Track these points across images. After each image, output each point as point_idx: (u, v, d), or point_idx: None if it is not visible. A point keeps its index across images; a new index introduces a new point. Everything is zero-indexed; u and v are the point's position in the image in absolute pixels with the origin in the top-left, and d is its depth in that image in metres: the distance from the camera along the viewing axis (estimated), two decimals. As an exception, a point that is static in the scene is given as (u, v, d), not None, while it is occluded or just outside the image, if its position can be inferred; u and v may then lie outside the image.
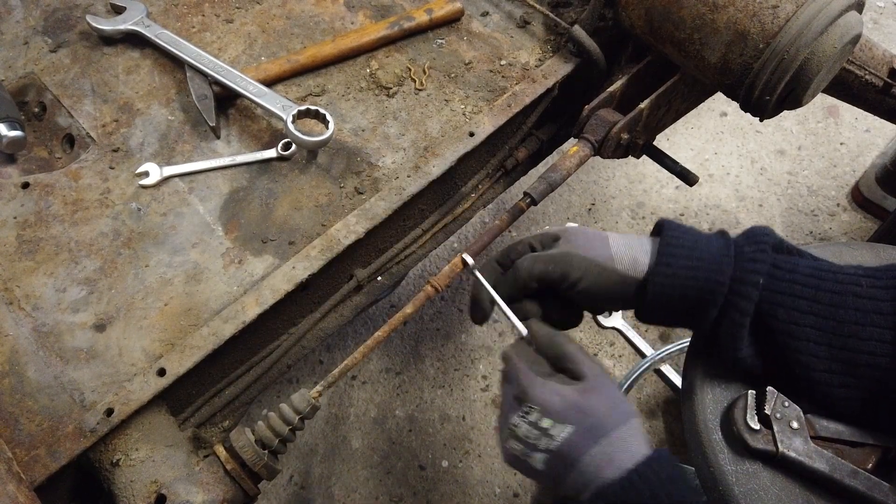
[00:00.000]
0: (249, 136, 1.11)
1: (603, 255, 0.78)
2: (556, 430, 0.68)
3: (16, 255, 0.97)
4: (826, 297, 0.73)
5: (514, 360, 0.74)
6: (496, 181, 1.20)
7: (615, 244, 0.79)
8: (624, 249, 0.79)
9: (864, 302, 0.72)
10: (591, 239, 0.80)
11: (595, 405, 0.68)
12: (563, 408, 0.68)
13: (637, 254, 0.78)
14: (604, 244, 0.79)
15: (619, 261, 0.78)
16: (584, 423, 0.67)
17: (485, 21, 1.26)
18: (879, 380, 0.71)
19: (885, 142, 2.17)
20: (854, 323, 0.72)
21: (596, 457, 0.66)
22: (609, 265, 0.78)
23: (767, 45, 0.94)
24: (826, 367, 0.73)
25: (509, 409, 0.72)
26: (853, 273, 0.75)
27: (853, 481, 0.73)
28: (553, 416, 0.68)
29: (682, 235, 0.78)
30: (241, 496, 0.82)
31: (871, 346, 0.71)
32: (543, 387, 0.70)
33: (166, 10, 1.24)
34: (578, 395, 0.69)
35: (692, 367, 0.87)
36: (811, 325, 0.73)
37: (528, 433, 0.69)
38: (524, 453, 0.70)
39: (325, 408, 1.76)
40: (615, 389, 0.71)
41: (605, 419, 0.68)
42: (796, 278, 0.74)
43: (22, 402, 0.86)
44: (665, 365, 1.76)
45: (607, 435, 0.67)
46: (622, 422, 0.68)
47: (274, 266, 0.98)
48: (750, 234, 0.78)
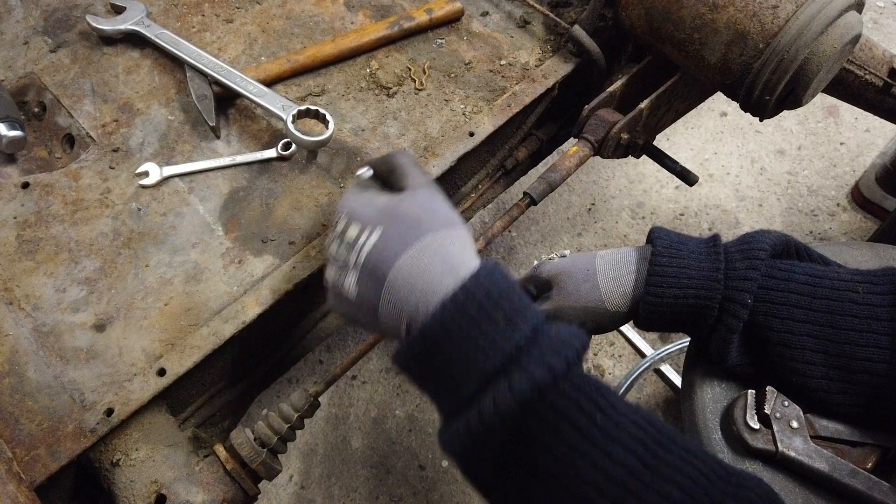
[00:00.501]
0: (249, 136, 1.11)
1: (593, 298, 0.80)
2: (363, 238, 0.58)
3: (16, 255, 0.97)
4: (822, 304, 0.73)
5: (347, 189, 0.66)
6: (496, 181, 1.20)
7: (604, 282, 0.80)
8: (613, 286, 0.80)
9: (861, 308, 0.72)
10: (579, 285, 0.81)
11: (408, 209, 0.59)
12: (372, 213, 0.60)
13: (625, 287, 0.80)
14: (592, 286, 0.80)
15: (610, 301, 0.80)
16: (393, 227, 0.58)
17: (485, 21, 1.26)
18: (877, 386, 0.71)
19: (885, 142, 2.17)
20: (851, 329, 0.72)
21: (408, 270, 0.56)
22: (601, 308, 0.80)
23: (767, 45, 0.94)
24: (823, 374, 0.73)
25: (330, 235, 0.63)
26: (850, 279, 0.75)
27: (853, 481, 0.73)
28: (360, 221, 0.59)
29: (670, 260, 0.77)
30: (241, 496, 0.82)
31: (868, 353, 0.71)
32: (356, 195, 0.62)
33: (166, 10, 1.24)
34: (391, 201, 0.61)
35: (692, 366, 0.87)
36: (807, 334, 0.73)
37: (338, 248, 0.61)
38: (336, 281, 0.61)
39: (325, 407, 1.76)
40: (440, 198, 0.63)
41: (422, 223, 0.58)
42: (792, 287, 0.74)
43: (22, 401, 0.86)
44: (665, 365, 1.76)
45: (420, 240, 0.57)
46: (441, 227, 0.59)
47: (274, 266, 0.98)
48: (744, 246, 0.77)
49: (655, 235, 0.81)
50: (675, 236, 0.80)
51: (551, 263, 0.86)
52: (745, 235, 0.79)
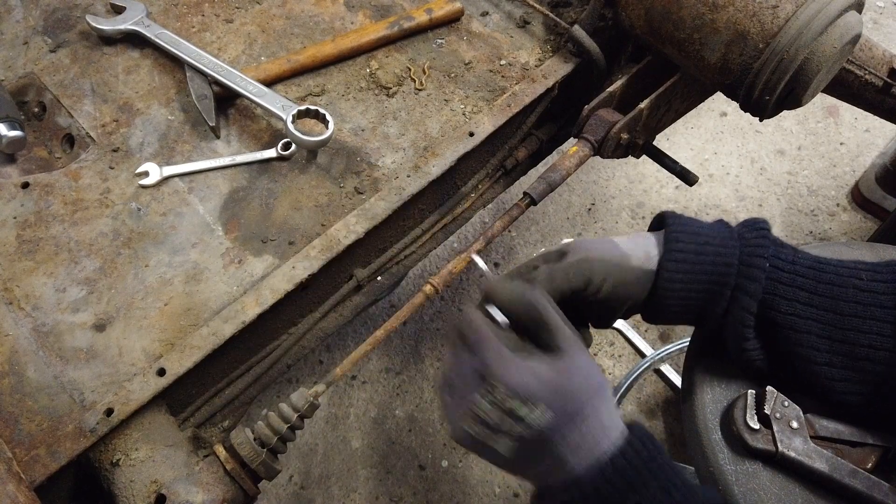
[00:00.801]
0: (249, 136, 1.11)
1: (617, 254, 0.77)
2: (531, 416, 0.60)
3: (16, 255, 0.97)
4: (827, 289, 0.73)
5: (479, 327, 0.64)
6: (496, 181, 1.20)
7: (623, 243, 0.79)
8: (633, 246, 0.78)
9: (864, 295, 0.73)
10: (598, 244, 0.79)
11: (575, 386, 0.61)
12: (539, 390, 0.60)
13: (646, 247, 0.78)
14: (613, 245, 0.78)
15: (634, 256, 0.77)
16: (563, 407, 0.60)
17: (484, 21, 1.26)
18: (880, 373, 0.71)
19: (885, 142, 2.17)
20: (854, 316, 0.72)
21: (575, 444, 0.60)
22: (626, 262, 0.76)
23: (767, 45, 0.94)
24: (827, 361, 0.73)
25: (470, 385, 0.63)
26: (853, 266, 0.75)
27: (853, 481, 0.73)
28: (527, 400, 0.60)
29: (687, 223, 0.78)
30: (241, 496, 0.82)
31: (871, 340, 0.71)
32: (515, 365, 0.61)
33: (166, 10, 1.24)
34: (556, 375, 0.61)
35: (692, 366, 0.87)
36: (812, 318, 0.73)
37: (492, 416, 0.61)
38: (485, 436, 0.62)
39: (325, 407, 1.76)
40: (590, 361, 0.65)
41: (585, 400, 0.61)
42: (797, 270, 0.74)
43: (22, 401, 0.86)
44: (665, 365, 1.76)
45: (587, 419, 0.61)
46: (600, 400, 0.62)
47: (274, 266, 0.98)
48: (749, 223, 0.78)
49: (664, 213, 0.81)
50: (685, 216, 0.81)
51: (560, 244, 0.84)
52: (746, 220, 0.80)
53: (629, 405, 1.76)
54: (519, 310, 0.66)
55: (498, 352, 0.62)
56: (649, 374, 1.79)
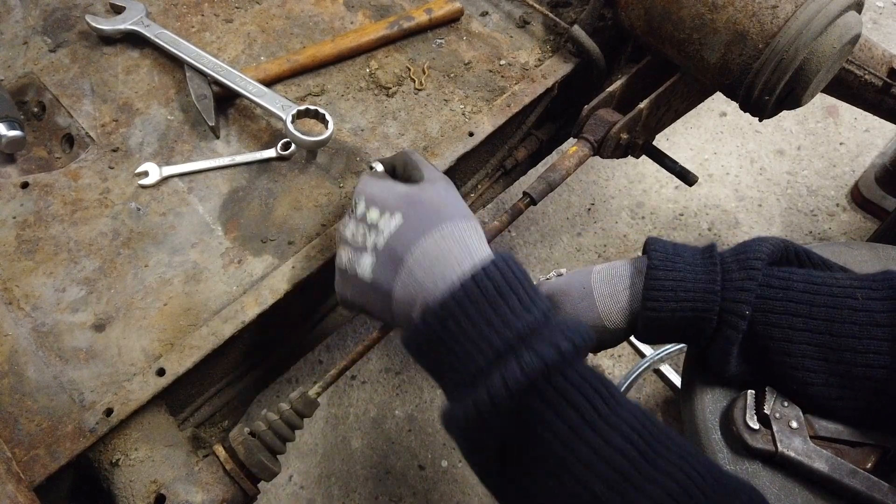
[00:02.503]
0: (249, 136, 1.11)
1: (592, 317, 0.80)
2: (383, 222, 0.60)
3: (15, 255, 0.97)
4: (821, 311, 0.73)
5: (361, 177, 0.69)
6: (495, 181, 1.20)
7: (601, 301, 0.80)
8: (610, 304, 0.80)
9: (860, 315, 0.72)
10: (576, 304, 0.81)
11: (429, 197, 0.62)
12: (393, 198, 0.62)
13: (622, 303, 0.80)
14: (590, 305, 0.80)
15: (608, 319, 0.80)
16: (415, 213, 0.60)
17: (484, 21, 1.26)
18: (877, 391, 0.71)
19: (885, 142, 2.17)
20: (850, 336, 0.72)
21: (427, 251, 0.58)
22: (599, 325, 0.80)
23: (767, 45, 0.94)
24: (823, 382, 0.73)
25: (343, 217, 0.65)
26: (848, 285, 0.74)
27: (853, 481, 0.73)
28: (380, 205, 0.61)
29: (665, 273, 0.77)
30: (240, 496, 0.82)
31: (868, 359, 0.71)
32: (376, 182, 0.64)
33: (166, 10, 1.24)
34: (412, 190, 0.63)
35: (691, 366, 0.87)
36: (807, 342, 0.73)
37: (354, 231, 0.63)
38: (351, 262, 0.63)
39: (325, 407, 1.76)
40: (454, 192, 0.65)
41: (440, 212, 0.60)
42: (790, 296, 0.74)
43: (21, 401, 0.86)
44: (664, 365, 1.76)
45: (440, 228, 0.59)
46: (458, 217, 0.61)
47: (273, 266, 0.98)
48: (741, 255, 0.77)
49: (651, 247, 0.80)
50: (671, 247, 0.80)
51: (548, 283, 0.86)
52: (742, 244, 0.79)
53: (629, 405, 1.76)
54: (395, 158, 0.71)
55: (365, 179, 0.66)
56: (649, 374, 1.79)
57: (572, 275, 0.85)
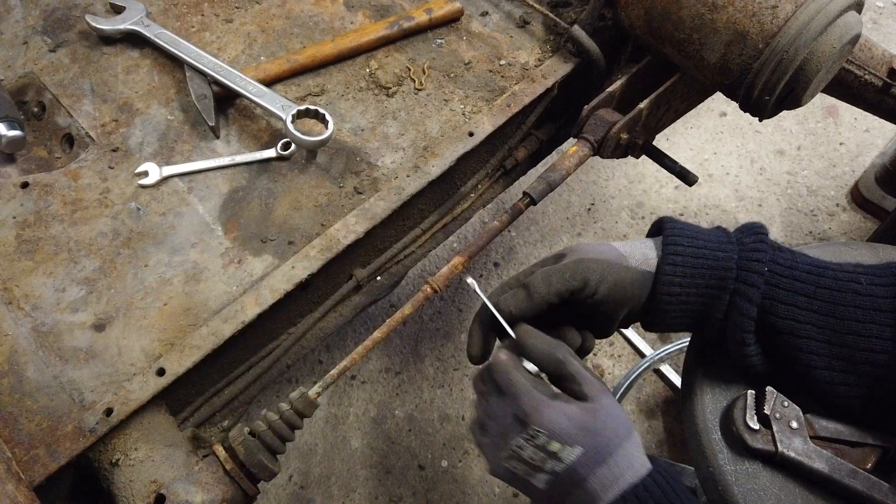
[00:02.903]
0: (249, 136, 1.11)
1: (614, 255, 0.78)
2: (564, 453, 0.67)
3: (15, 255, 0.97)
4: (826, 294, 0.73)
5: (512, 375, 0.71)
6: (495, 181, 1.20)
7: (621, 246, 0.80)
8: (631, 249, 0.79)
9: (863, 299, 0.72)
10: (596, 246, 0.79)
11: (602, 426, 0.68)
12: (571, 430, 0.67)
13: (645, 250, 0.79)
14: (610, 248, 0.79)
15: (632, 257, 0.78)
16: (593, 444, 0.67)
17: (484, 21, 1.26)
18: (879, 377, 0.71)
19: (885, 142, 2.17)
20: (854, 320, 0.72)
21: (602, 477, 0.66)
22: (623, 263, 0.77)
23: (767, 45, 0.94)
24: (826, 365, 0.73)
25: (509, 427, 0.70)
26: (852, 270, 0.75)
27: (853, 481, 0.73)
28: (562, 440, 0.67)
29: (684, 227, 0.79)
30: (240, 496, 0.82)
31: (871, 343, 0.71)
32: (551, 409, 0.68)
33: (166, 10, 1.24)
34: (586, 416, 0.68)
35: (692, 367, 0.87)
36: (811, 323, 0.73)
37: (533, 456, 0.68)
38: (526, 473, 0.69)
39: (325, 407, 1.76)
40: (616, 405, 0.71)
41: (612, 438, 0.68)
42: (796, 275, 0.74)
43: (21, 401, 0.86)
44: (664, 365, 1.76)
45: (613, 454, 0.67)
46: (625, 438, 0.68)
47: (273, 266, 0.98)
48: (746, 228, 0.79)
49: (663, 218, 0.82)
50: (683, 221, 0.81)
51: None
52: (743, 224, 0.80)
53: (629, 405, 1.76)
54: (548, 362, 0.73)
55: (534, 398, 0.69)
56: (649, 374, 1.79)
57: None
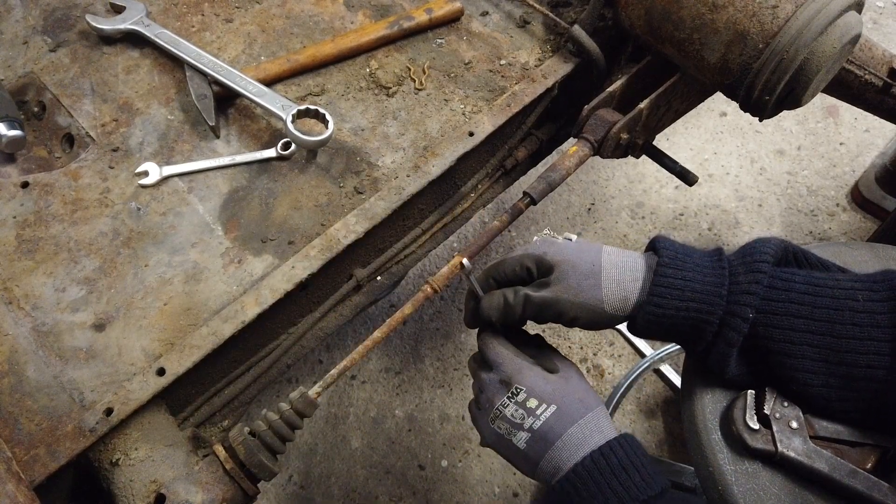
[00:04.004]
0: (249, 136, 1.11)
1: (593, 297, 0.79)
2: (541, 411, 0.75)
3: (15, 255, 0.97)
4: (822, 313, 0.73)
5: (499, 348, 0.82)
6: (496, 181, 1.20)
7: (607, 284, 0.80)
8: (615, 289, 0.80)
9: (861, 316, 0.72)
10: (581, 280, 0.80)
11: (573, 391, 0.78)
12: (548, 390, 0.77)
13: (628, 292, 0.79)
14: (595, 284, 0.79)
15: (609, 304, 0.79)
16: (566, 404, 0.76)
17: (484, 21, 1.26)
18: (878, 392, 0.71)
19: (885, 142, 2.17)
20: (851, 338, 0.72)
21: (573, 436, 0.74)
22: (599, 308, 0.79)
23: (767, 45, 0.94)
24: (823, 383, 0.73)
25: (495, 392, 0.79)
26: (850, 287, 0.74)
27: (852, 481, 0.73)
28: (540, 397, 0.76)
29: (675, 272, 0.77)
30: (240, 496, 0.82)
31: (868, 360, 0.71)
32: (531, 371, 0.78)
33: (166, 10, 1.24)
34: (561, 382, 0.78)
35: (692, 366, 0.87)
36: (808, 343, 0.73)
37: (514, 413, 0.77)
38: (509, 432, 0.77)
39: (325, 407, 1.76)
40: (586, 383, 0.82)
41: (583, 402, 0.77)
42: (792, 297, 0.74)
43: (21, 401, 0.86)
44: (664, 365, 1.76)
45: (584, 417, 0.75)
46: (594, 407, 0.77)
47: (273, 266, 0.98)
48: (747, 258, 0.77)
49: (660, 245, 0.80)
50: (680, 247, 0.80)
51: (557, 247, 0.84)
52: (747, 246, 0.79)
53: (629, 405, 1.76)
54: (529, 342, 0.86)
55: (518, 363, 0.80)
56: (649, 374, 1.79)
57: (582, 245, 0.84)
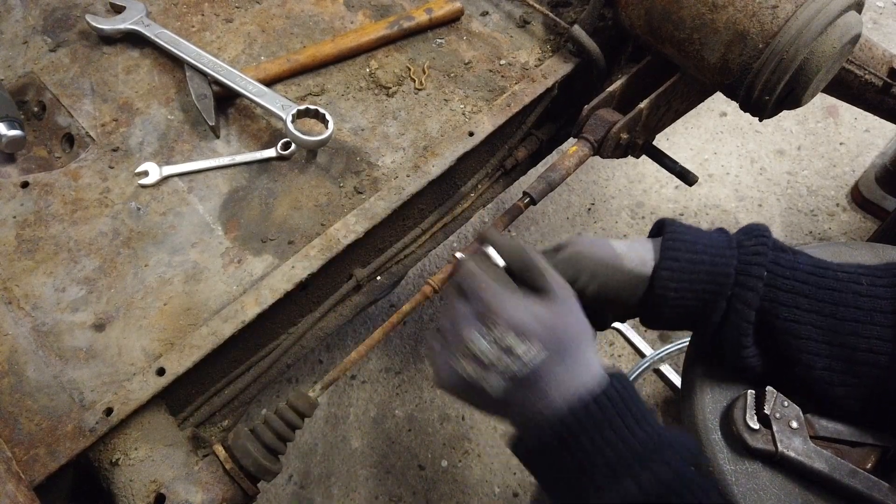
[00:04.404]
0: (249, 136, 1.11)
1: (610, 254, 0.78)
2: (521, 350, 0.61)
3: (15, 255, 0.97)
4: (826, 294, 0.73)
5: (475, 272, 0.66)
6: (496, 181, 1.20)
7: (620, 245, 0.80)
8: (629, 249, 0.79)
9: (864, 300, 0.72)
10: (595, 242, 0.80)
11: (563, 323, 0.63)
12: (531, 323, 0.62)
13: (643, 252, 0.79)
14: (609, 246, 0.79)
15: (627, 258, 0.78)
16: (553, 341, 0.62)
17: (484, 21, 1.26)
18: (879, 378, 0.71)
19: (885, 142, 2.17)
20: (854, 321, 0.72)
21: (560, 378, 0.61)
22: (617, 263, 0.77)
23: (767, 45, 0.94)
24: (826, 366, 0.73)
25: (467, 325, 0.63)
26: (853, 271, 0.75)
27: (852, 481, 0.73)
28: (521, 332, 0.61)
29: (684, 231, 0.78)
30: (240, 496, 0.82)
31: (871, 345, 0.71)
32: (513, 300, 0.63)
33: (166, 10, 1.24)
34: (548, 312, 0.63)
35: (691, 366, 0.87)
36: (812, 324, 0.73)
37: (487, 351, 0.62)
38: (478, 375, 0.62)
39: (325, 407, 1.76)
40: (578, 306, 0.66)
41: (573, 338, 0.63)
42: (797, 276, 0.74)
43: (21, 401, 0.86)
44: (664, 365, 1.76)
45: (572, 355, 0.62)
46: (585, 341, 0.64)
47: (273, 266, 0.98)
48: (748, 230, 0.78)
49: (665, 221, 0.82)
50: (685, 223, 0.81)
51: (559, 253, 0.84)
52: (746, 225, 0.80)
53: (629, 405, 1.76)
54: (512, 254, 0.68)
55: (498, 292, 0.64)
56: (649, 374, 1.79)
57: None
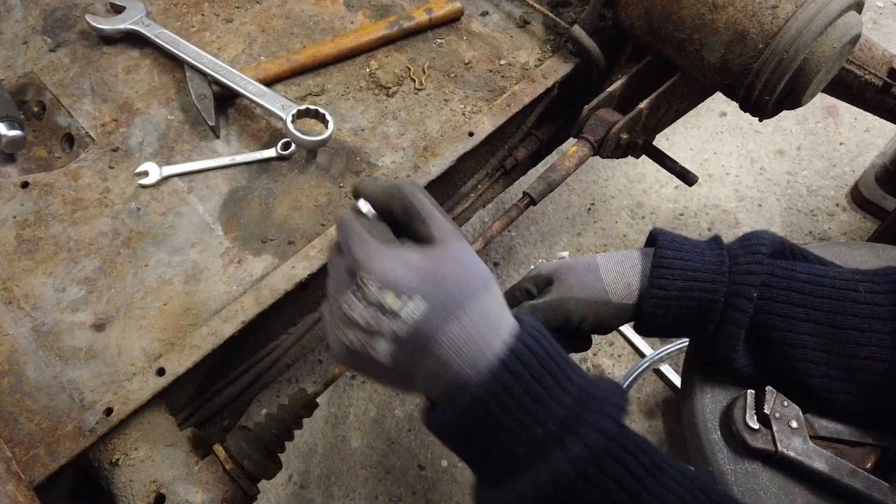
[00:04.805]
0: (249, 136, 1.11)
1: (597, 289, 0.79)
2: (401, 308, 0.53)
3: (15, 255, 0.97)
4: (824, 303, 0.73)
5: (347, 223, 0.58)
6: (495, 181, 1.20)
7: (607, 274, 0.80)
8: (616, 278, 0.79)
9: (862, 307, 0.72)
10: (581, 276, 0.80)
11: (448, 272, 0.55)
12: (408, 277, 0.54)
13: (629, 279, 0.79)
14: (595, 278, 0.80)
15: (613, 292, 0.79)
16: (436, 293, 0.53)
17: (484, 21, 1.26)
18: (878, 385, 0.71)
19: (885, 142, 2.17)
20: (852, 329, 0.72)
21: (454, 336, 0.53)
22: (604, 299, 0.79)
23: (767, 45, 0.94)
24: (824, 374, 0.73)
25: (342, 286, 0.56)
26: (851, 278, 0.75)
27: (852, 481, 0.73)
28: (396, 288, 0.53)
29: (674, 253, 0.77)
30: (240, 495, 0.82)
31: (869, 352, 0.71)
32: (382, 253, 0.55)
33: (166, 10, 1.24)
34: (429, 261, 0.55)
35: (691, 366, 0.87)
36: (809, 333, 0.73)
37: (366, 316, 0.54)
38: (365, 344, 0.55)
39: (325, 407, 1.76)
40: (470, 252, 0.59)
41: (462, 287, 0.55)
42: (793, 286, 0.74)
43: (21, 401, 0.86)
44: (664, 364, 1.76)
45: (464, 307, 0.54)
46: (480, 289, 0.56)
47: (273, 266, 0.98)
48: (746, 242, 0.78)
49: (657, 232, 0.81)
50: (677, 235, 0.81)
51: (550, 263, 0.85)
52: (745, 235, 0.79)
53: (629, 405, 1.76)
54: (387, 199, 0.60)
55: (364, 242, 0.56)
56: (649, 374, 1.79)
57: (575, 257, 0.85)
